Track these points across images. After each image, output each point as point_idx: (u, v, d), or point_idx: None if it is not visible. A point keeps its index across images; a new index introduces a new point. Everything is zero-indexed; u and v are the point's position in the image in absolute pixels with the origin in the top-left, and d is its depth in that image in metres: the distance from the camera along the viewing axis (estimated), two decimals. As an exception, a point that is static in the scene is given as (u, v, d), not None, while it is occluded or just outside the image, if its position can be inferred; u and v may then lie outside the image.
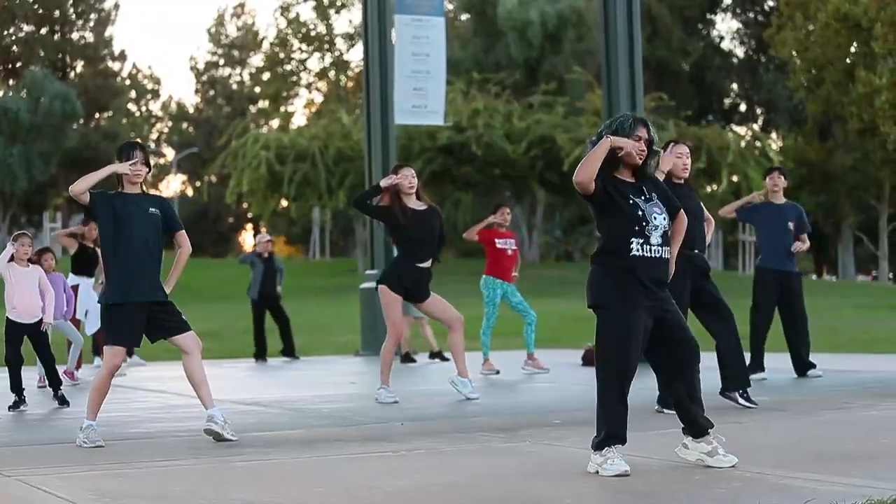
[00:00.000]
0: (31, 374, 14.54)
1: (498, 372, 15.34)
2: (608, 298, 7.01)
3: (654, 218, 7.01)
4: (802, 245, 13.57)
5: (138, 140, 10.14)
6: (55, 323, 12.55)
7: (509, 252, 15.36)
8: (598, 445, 6.95)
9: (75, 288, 15.64)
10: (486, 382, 14.43)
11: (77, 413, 11.38)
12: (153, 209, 8.66)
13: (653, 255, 6.99)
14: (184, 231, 8.94)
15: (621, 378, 6.96)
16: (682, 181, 10.57)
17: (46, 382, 13.89)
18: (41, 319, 11.72)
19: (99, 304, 8.89)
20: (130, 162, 8.58)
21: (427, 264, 11.61)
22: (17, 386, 11.60)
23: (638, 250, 6.96)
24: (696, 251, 10.54)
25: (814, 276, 72.49)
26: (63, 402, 11.87)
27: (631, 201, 7.01)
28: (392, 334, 11.70)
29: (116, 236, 8.57)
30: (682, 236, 7.39)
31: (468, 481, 6.81)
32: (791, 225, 13.43)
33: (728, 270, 58.95)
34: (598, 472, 6.89)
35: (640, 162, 7.12)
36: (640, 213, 6.99)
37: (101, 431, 9.15)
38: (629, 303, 6.95)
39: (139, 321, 8.65)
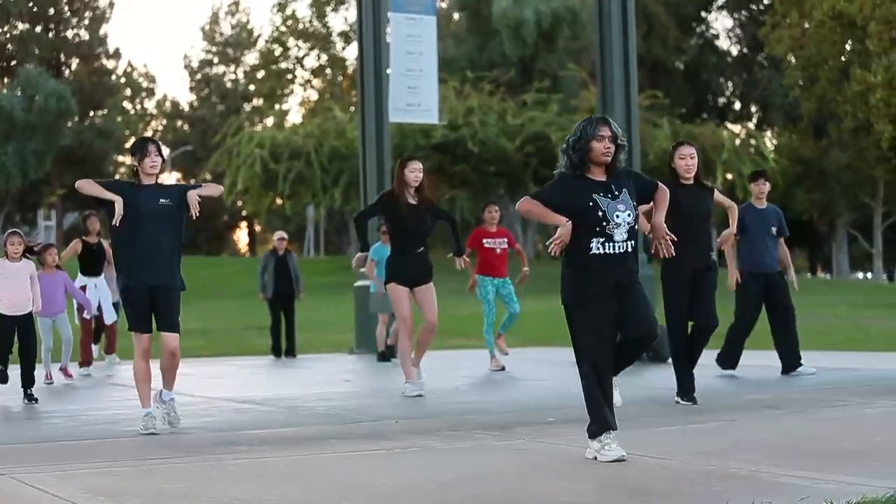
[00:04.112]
0: (38, 372, 14.60)
1: (503, 368, 15.51)
2: (576, 299, 7.38)
3: (617, 216, 7.29)
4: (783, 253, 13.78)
5: (150, 135, 10.65)
6: (53, 318, 13.65)
7: (498, 251, 15.54)
8: (594, 435, 7.31)
9: (83, 289, 15.75)
10: (484, 380, 14.45)
11: (68, 410, 11.37)
12: (164, 200, 9.14)
13: (615, 252, 7.31)
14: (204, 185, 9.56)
15: (598, 372, 7.32)
16: (690, 181, 10.78)
17: (53, 378, 14.15)
18: (30, 312, 12.12)
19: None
20: (119, 215, 9.02)
21: (420, 249, 11.89)
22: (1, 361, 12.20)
23: (598, 249, 7.28)
24: (697, 250, 10.75)
25: (808, 275, 72.58)
26: (31, 399, 11.98)
27: (591, 203, 7.28)
28: (404, 329, 11.88)
29: (126, 227, 9.05)
30: (664, 204, 7.65)
31: (463, 479, 6.80)
32: (773, 229, 13.63)
33: (722, 268, 59.06)
34: (596, 458, 7.24)
35: (609, 160, 7.40)
36: (600, 213, 7.27)
37: (96, 430, 9.19)
38: (595, 302, 7.30)
39: (147, 305, 9.14)
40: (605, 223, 7.26)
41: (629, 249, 7.37)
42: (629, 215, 7.33)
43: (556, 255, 7.49)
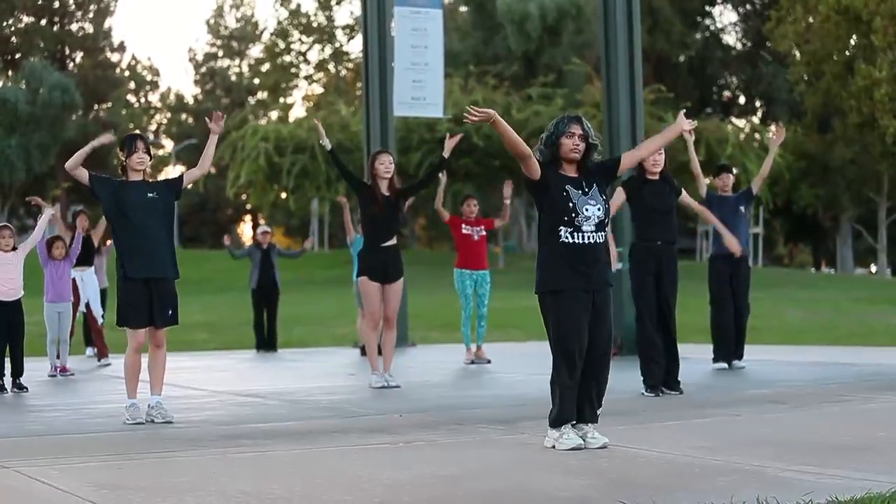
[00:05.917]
0: (41, 366, 14.63)
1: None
2: (549, 286, 7.58)
3: (586, 210, 7.57)
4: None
5: (139, 131, 11.18)
6: (60, 308, 14.40)
7: (475, 238, 15.86)
8: (554, 423, 7.57)
9: (74, 281, 15.82)
10: (487, 375, 14.46)
11: (71, 403, 11.40)
12: (151, 194, 9.38)
13: (584, 242, 7.55)
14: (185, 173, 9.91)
15: (568, 361, 7.49)
16: (656, 176, 11.23)
17: (57, 372, 14.30)
18: (20, 299, 12.70)
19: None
20: (105, 139, 9.61)
21: (391, 243, 12.14)
22: None
23: (567, 238, 7.53)
24: (660, 243, 11.24)
25: (813, 270, 72.51)
26: (21, 388, 12.64)
27: (564, 193, 7.57)
28: (370, 322, 12.25)
29: (118, 222, 9.32)
30: (643, 148, 8.59)
31: (467, 473, 6.80)
32: (742, 208, 14.08)
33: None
34: (554, 446, 7.52)
35: (579, 157, 7.71)
36: (570, 204, 7.54)
37: (99, 423, 9.20)
38: (567, 291, 7.51)
39: (145, 299, 9.29)
40: (574, 214, 7.55)
41: (598, 241, 7.61)
42: (599, 209, 7.61)
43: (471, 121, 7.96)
